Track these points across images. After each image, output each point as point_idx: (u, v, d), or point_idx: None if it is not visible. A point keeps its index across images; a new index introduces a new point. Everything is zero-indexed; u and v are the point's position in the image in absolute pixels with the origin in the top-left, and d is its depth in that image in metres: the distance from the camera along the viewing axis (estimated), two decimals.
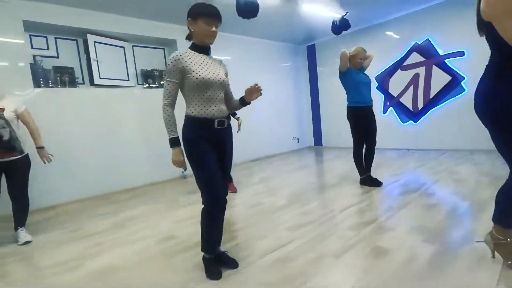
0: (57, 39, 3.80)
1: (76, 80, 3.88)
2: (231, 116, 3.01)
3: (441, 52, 4.64)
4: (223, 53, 5.06)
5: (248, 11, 3.14)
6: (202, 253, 1.70)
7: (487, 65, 1.38)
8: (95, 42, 3.91)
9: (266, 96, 2.65)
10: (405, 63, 5.07)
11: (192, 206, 3.03)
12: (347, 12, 4.53)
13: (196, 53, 1.60)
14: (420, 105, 4.97)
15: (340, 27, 4.49)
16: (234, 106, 1.80)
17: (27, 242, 2.38)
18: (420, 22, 4.80)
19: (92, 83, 3.96)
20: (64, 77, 3.75)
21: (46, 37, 3.70)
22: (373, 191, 2.95)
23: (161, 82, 4.60)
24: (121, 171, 4.00)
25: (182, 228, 2.43)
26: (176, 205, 3.15)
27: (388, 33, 5.26)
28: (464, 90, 4.46)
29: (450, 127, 4.64)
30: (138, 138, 4.20)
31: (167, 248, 2.08)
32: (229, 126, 1.77)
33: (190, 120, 1.58)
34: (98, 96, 3.89)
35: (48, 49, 3.72)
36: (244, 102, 1.75)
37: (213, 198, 1.61)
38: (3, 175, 2.39)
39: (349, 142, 3.21)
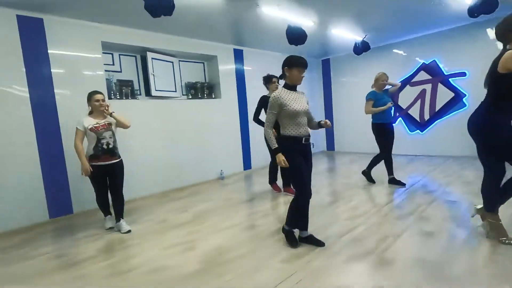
0: (121, 56, 4.30)
1: (136, 92, 4.38)
2: None
3: (445, 72, 5.40)
4: (251, 65, 5.66)
5: (297, 39, 3.75)
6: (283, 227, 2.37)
7: (482, 101, 2.04)
8: (152, 58, 4.42)
9: None
10: (413, 80, 5.80)
11: (250, 202, 3.60)
12: (366, 35, 5.22)
13: (289, 91, 2.25)
14: (427, 117, 5.71)
15: (361, 48, 5.16)
16: (313, 126, 2.42)
17: (129, 231, 2.89)
18: (428, 44, 5.55)
19: (148, 94, 4.48)
20: (126, 89, 4.25)
21: (112, 54, 4.20)
22: (400, 190, 3.61)
23: (204, 93, 5.15)
24: (175, 172, 4.54)
25: (258, 219, 2.99)
26: (234, 202, 3.70)
27: (399, 52, 5.99)
28: (465, 105, 5.21)
29: (453, 136, 5.37)
30: (187, 143, 4.73)
31: (254, 234, 2.64)
32: (310, 142, 2.36)
33: (286, 138, 2.21)
34: (155, 105, 4.41)
35: (113, 64, 4.22)
36: (320, 126, 2.37)
37: (304, 193, 2.21)
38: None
39: (360, 147, 3.87)
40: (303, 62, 2.22)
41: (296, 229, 2.38)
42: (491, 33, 4.87)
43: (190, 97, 5.03)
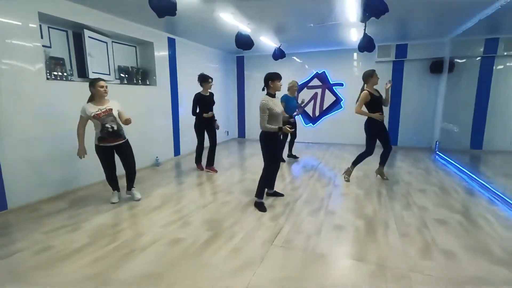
0: (50, 29, 3.75)
1: (69, 72, 3.93)
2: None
3: (331, 81, 7.31)
4: (182, 55, 5.89)
5: (244, 44, 4.42)
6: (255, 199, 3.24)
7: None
8: (89, 37, 4.06)
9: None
10: (309, 84, 7.51)
11: (201, 186, 4.14)
12: (281, 44, 6.39)
13: (272, 98, 3.08)
14: (317, 113, 7.56)
15: (279, 55, 6.29)
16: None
17: (139, 199, 3.46)
18: (321, 58, 7.30)
19: (83, 75, 4.10)
20: (60, 68, 3.78)
21: (40, 25, 3.61)
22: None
23: (138, 78, 5.03)
24: None
25: (225, 196, 3.62)
26: (187, 186, 4.13)
27: (300, 61, 7.54)
28: (342, 107, 7.29)
29: (333, 129, 7.42)
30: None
31: (231, 206, 3.30)
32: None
33: (270, 130, 3.02)
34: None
35: (42, 38, 3.65)
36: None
37: (277, 163, 3.21)
38: (115, 154, 3.27)
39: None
40: (281, 76, 3.10)
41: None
42: (356, 56, 7.02)
43: (125, 82, 4.84)
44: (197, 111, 4.52)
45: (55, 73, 3.70)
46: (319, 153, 6.39)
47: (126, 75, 4.89)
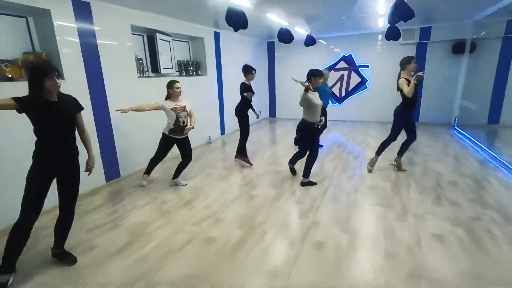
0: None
1: (145, 69, 4.88)
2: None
3: (357, 63, 7.91)
4: (225, 47, 6.69)
5: (286, 39, 5.15)
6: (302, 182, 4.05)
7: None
8: (160, 39, 4.95)
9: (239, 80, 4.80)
10: (336, 67, 8.13)
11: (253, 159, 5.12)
12: (311, 31, 7.02)
13: (313, 92, 3.69)
14: (343, 94, 8.24)
15: (310, 42, 6.94)
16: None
17: (185, 184, 4.00)
18: (347, 42, 7.86)
19: (155, 71, 5.04)
20: (140, 66, 4.73)
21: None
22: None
23: (191, 70, 5.93)
24: None
25: (281, 164, 4.58)
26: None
27: (327, 44, 8.13)
28: (367, 87, 7.92)
29: (358, 108, 8.11)
30: None
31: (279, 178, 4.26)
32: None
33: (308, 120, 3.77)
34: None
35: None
36: None
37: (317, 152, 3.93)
38: (175, 146, 3.82)
39: (296, 114, 5.92)
40: (322, 73, 3.73)
41: None
42: (381, 39, 7.52)
43: (184, 74, 5.76)
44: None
45: (139, 71, 4.66)
46: (346, 130, 7.18)
47: (183, 68, 5.80)
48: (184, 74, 5.77)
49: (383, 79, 7.68)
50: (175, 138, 3.73)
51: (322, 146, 6.06)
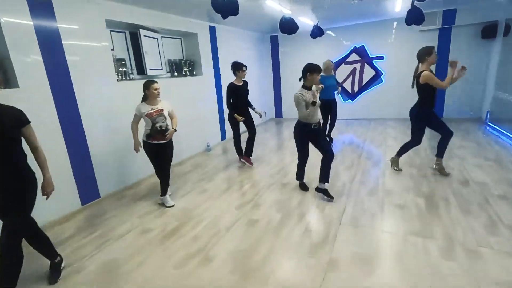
0: (111, 32, 4.06)
1: (129, 72, 4.27)
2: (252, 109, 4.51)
3: (370, 55, 7.11)
4: (224, 43, 6.03)
5: (289, 29, 4.45)
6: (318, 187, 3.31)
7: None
8: (144, 36, 4.33)
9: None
10: (347, 60, 7.35)
11: (257, 166, 4.44)
12: (318, 21, 6.27)
13: (306, 90, 3.07)
14: (356, 89, 7.46)
15: (317, 33, 6.19)
16: None
17: (173, 205, 3.36)
18: (359, 32, 7.07)
19: (141, 73, 4.43)
20: (122, 68, 4.12)
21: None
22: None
23: (184, 70, 5.30)
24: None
25: (285, 176, 3.90)
26: (244, 169, 4.45)
27: (336, 36, 7.36)
28: (382, 81, 7.11)
29: (374, 104, 7.31)
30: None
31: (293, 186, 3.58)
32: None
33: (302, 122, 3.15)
34: None
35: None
36: None
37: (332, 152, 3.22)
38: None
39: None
40: (321, 69, 3.06)
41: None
42: (397, 26, 6.69)
43: (176, 74, 5.13)
44: (231, 102, 4.30)
45: (120, 73, 4.05)
46: (361, 130, 6.42)
47: (175, 68, 5.17)
48: (176, 74, 5.15)
49: (401, 71, 6.85)
50: (156, 144, 3.21)
51: (332, 141, 5.48)
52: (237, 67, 4.18)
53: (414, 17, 4.49)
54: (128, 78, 4.19)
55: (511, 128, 5.29)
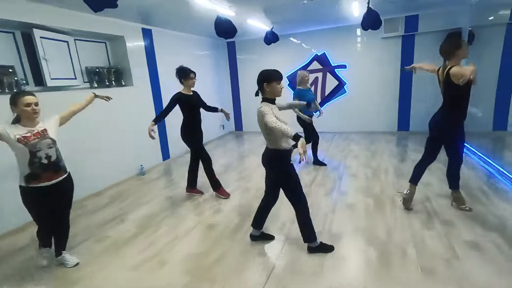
0: None
1: (20, 82, 3.35)
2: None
3: (332, 63, 6.56)
4: (162, 47, 5.24)
5: (225, 32, 3.74)
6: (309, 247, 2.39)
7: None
8: (41, 37, 3.44)
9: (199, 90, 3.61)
10: (308, 68, 6.77)
11: (190, 198, 3.62)
12: (273, 26, 5.64)
13: (272, 105, 2.19)
14: (319, 100, 6.87)
15: (271, 39, 5.56)
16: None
17: (77, 264, 2.43)
18: (319, 38, 6.51)
19: (40, 84, 3.52)
20: (7, 79, 3.21)
21: None
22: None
23: (112, 79, 4.43)
24: (86, 176, 3.91)
25: (214, 216, 3.11)
26: (176, 200, 3.63)
27: (297, 41, 6.77)
28: (345, 91, 6.57)
29: (337, 116, 6.74)
30: (97, 140, 4.08)
31: (218, 233, 2.80)
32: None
33: (282, 151, 2.22)
34: (55, 99, 3.52)
35: None
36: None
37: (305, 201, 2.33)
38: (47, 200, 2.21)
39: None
40: (281, 74, 2.20)
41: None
42: (360, 33, 6.21)
43: (96, 85, 4.25)
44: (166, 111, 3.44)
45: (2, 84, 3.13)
46: (323, 145, 5.79)
47: (97, 77, 4.30)
48: (96, 85, 4.26)
49: (363, 81, 6.36)
50: (45, 188, 2.15)
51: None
52: (183, 74, 3.38)
53: (371, 21, 3.95)
54: (16, 89, 3.27)
55: (477, 143, 4.86)
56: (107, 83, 4.38)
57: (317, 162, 4.67)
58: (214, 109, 3.73)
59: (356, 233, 2.61)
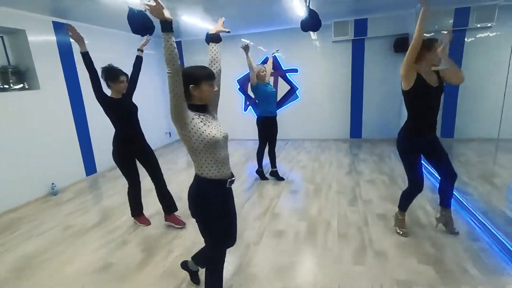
0: None
1: None
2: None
3: (284, 67, 6.21)
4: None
5: (141, 28, 3.17)
6: None
7: None
8: None
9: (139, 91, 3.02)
10: None
11: (101, 225, 3.00)
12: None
13: (201, 114, 1.54)
14: None
15: (210, 39, 5.06)
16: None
17: None
18: (270, 40, 6.13)
19: None
20: None
21: None
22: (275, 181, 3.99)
23: (10, 81, 3.67)
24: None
25: (115, 251, 2.52)
26: (77, 230, 2.98)
27: (246, 41, 6.33)
28: (298, 97, 6.25)
29: (290, 123, 6.39)
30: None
31: (111, 276, 2.22)
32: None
33: (209, 181, 1.56)
34: None
35: None
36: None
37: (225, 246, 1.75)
38: None
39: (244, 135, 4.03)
40: (211, 71, 1.61)
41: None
42: (311, 36, 5.92)
43: None
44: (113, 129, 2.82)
45: None
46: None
47: None
48: None
49: (315, 86, 6.08)
50: None
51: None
52: (111, 76, 2.67)
53: (310, 21, 3.59)
54: None
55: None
56: (4, 86, 3.61)
57: (274, 175, 4.14)
58: (137, 62, 3.00)
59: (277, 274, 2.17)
